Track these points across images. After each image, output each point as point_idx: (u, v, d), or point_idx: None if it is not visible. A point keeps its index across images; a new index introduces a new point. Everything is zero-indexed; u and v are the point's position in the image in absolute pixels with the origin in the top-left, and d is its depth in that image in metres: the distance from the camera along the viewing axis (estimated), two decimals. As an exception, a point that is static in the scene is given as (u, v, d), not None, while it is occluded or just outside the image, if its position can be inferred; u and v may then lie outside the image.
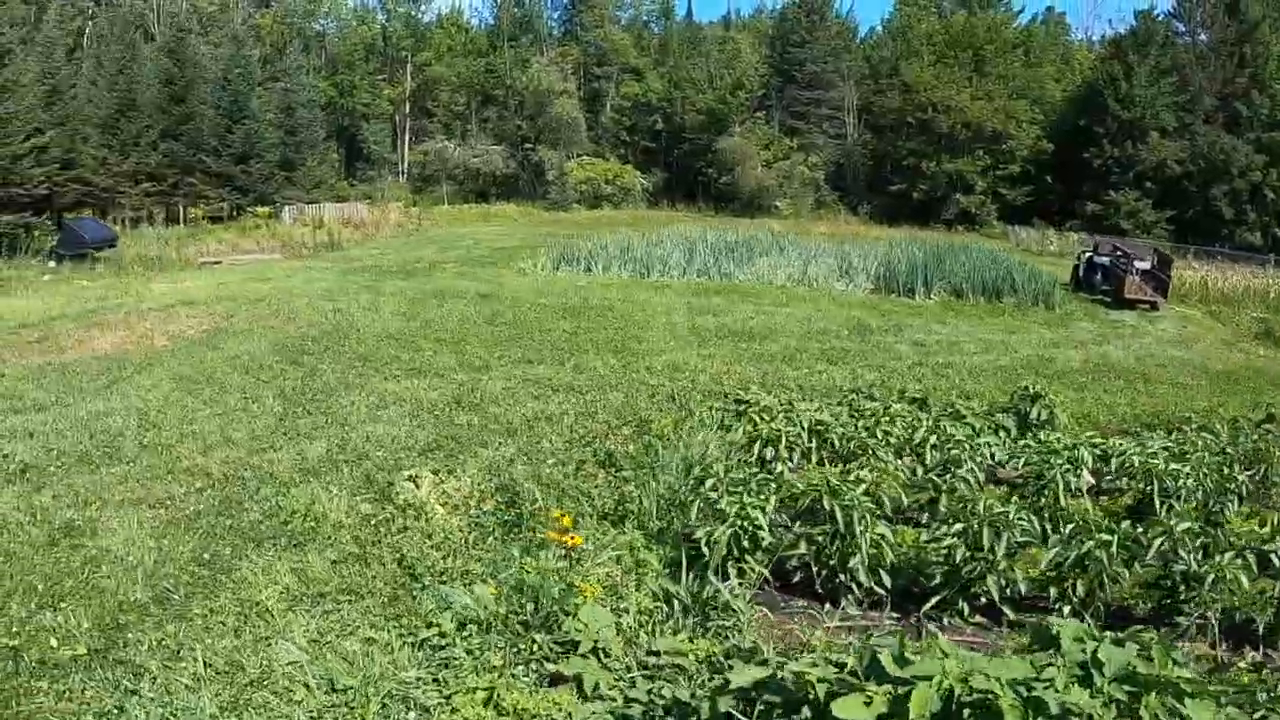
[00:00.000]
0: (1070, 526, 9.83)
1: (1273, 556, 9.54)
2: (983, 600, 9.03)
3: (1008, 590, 9.01)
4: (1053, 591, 9.13)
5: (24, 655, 7.26)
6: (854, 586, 9.06)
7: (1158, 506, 11.52)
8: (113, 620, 7.88)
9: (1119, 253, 35.50)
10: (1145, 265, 34.02)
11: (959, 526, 9.33)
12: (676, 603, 8.09)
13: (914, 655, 4.75)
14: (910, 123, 70.06)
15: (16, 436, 12.94)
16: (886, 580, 9.02)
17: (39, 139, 40.81)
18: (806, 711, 4.88)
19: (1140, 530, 9.84)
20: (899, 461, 11.98)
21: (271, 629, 7.62)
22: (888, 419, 13.22)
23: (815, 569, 9.16)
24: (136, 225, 45.95)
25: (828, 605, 9.05)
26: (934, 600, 9.02)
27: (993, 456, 13.20)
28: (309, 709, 6.45)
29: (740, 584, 8.49)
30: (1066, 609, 8.93)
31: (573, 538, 7.95)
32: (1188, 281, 37.41)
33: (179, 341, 19.75)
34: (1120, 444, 13.61)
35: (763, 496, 9.37)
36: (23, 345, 19.36)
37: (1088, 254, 37.00)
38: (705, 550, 8.86)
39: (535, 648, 7.19)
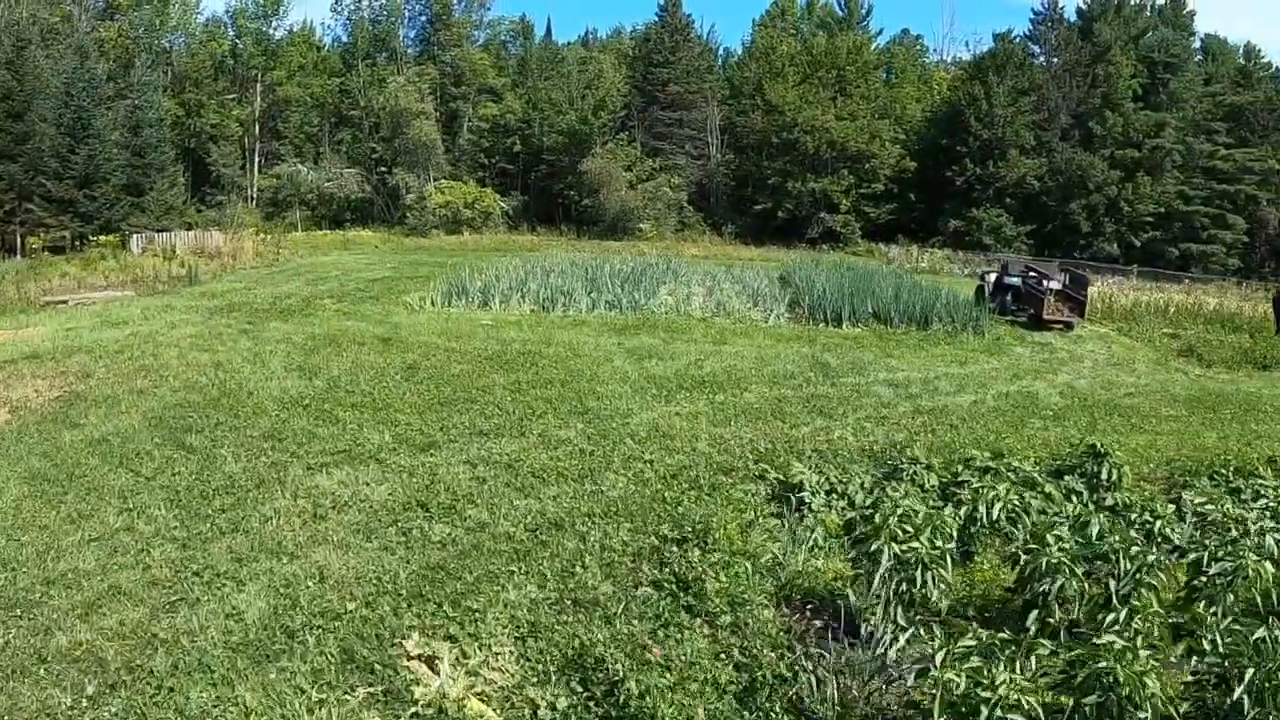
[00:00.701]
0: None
1: None
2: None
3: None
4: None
5: None
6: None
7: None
8: None
9: (1031, 273, 33.24)
10: (1056, 285, 31.92)
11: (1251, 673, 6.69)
12: None
13: None
14: (774, 143, 68.09)
15: None
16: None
17: None
18: None
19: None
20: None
21: None
22: (997, 499, 10.14)
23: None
24: (-33, 258, 40.00)
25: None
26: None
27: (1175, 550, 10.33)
28: None
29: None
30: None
31: None
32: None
33: (25, 415, 15.18)
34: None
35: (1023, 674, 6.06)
36: None
37: (993, 274, 34.62)
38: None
39: None
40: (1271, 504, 12.78)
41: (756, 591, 8.45)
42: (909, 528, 8.06)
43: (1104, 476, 13.04)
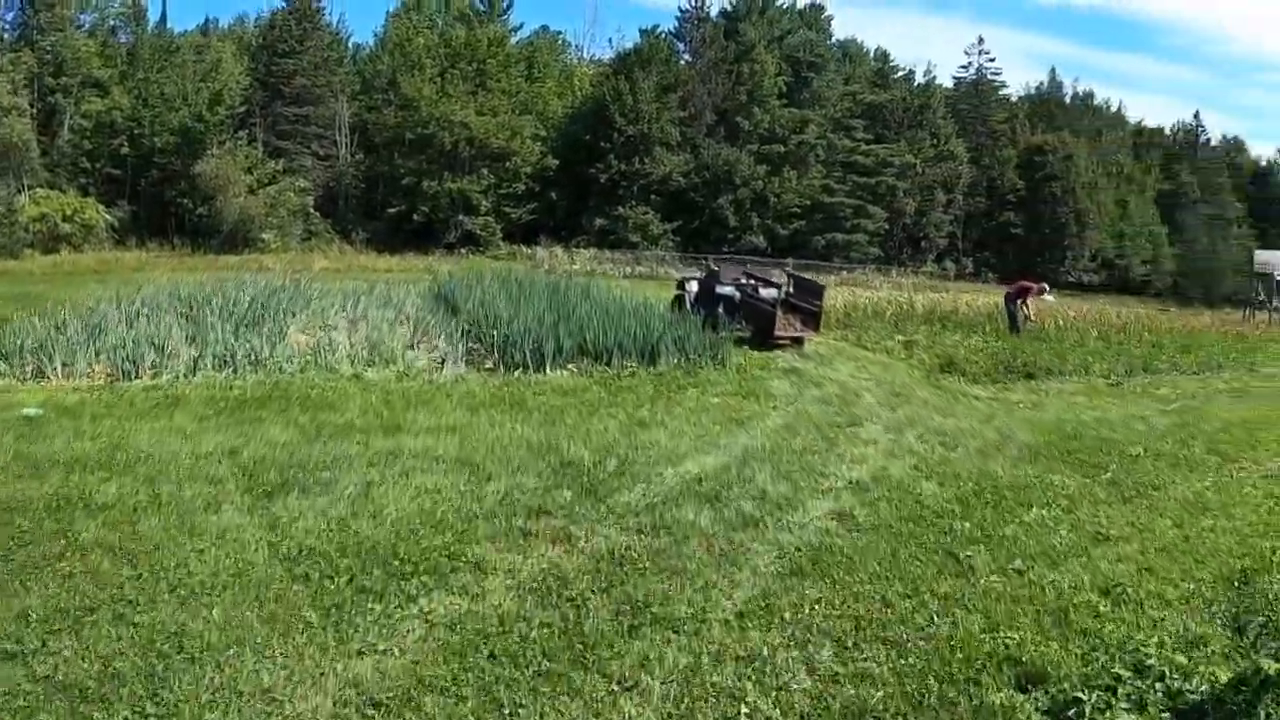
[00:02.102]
0: None
1: None
2: None
3: None
4: None
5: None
6: None
7: None
8: None
9: (747, 280, 25.52)
10: (774, 293, 24.46)
11: None
12: None
13: None
14: (409, 139, 59.24)
15: None
16: None
17: None
18: None
19: None
20: None
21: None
22: None
23: None
24: None
25: None
26: None
27: None
28: None
29: None
30: None
31: None
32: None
33: None
34: None
35: None
36: None
37: (694, 281, 26.61)
38: None
39: None
40: None
41: None
42: None
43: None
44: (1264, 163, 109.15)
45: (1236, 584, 9.45)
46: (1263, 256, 58.22)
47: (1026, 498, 11.91)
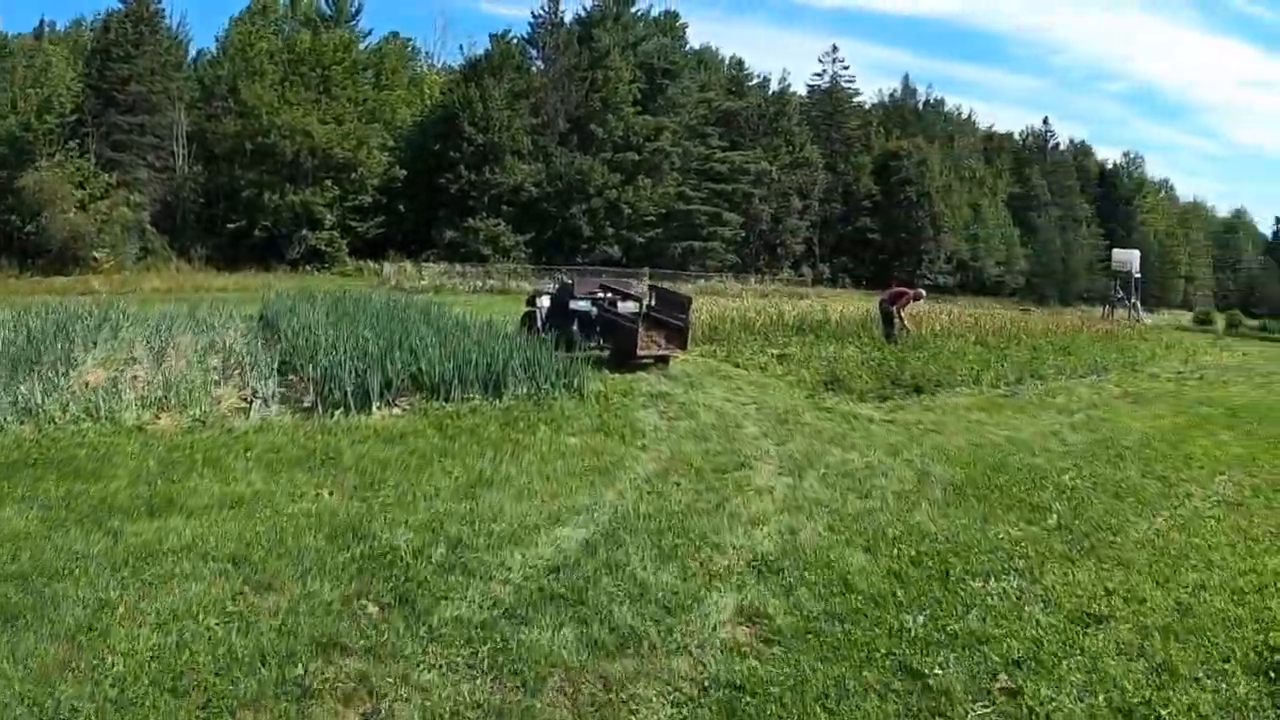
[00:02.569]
0: None
1: None
2: None
3: None
4: None
5: None
6: None
7: None
8: None
9: (603, 293, 22.24)
10: (635, 307, 21.34)
11: None
12: None
13: None
14: (249, 149, 54.51)
15: None
16: None
17: None
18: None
19: None
20: None
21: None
22: None
23: None
24: None
25: None
26: None
27: None
28: None
29: None
30: None
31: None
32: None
33: None
34: None
35: None
36: None
37: (546, 296, 23.23)
38: None
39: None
40: None
41: None
42: None
43: None
44: (1110, 165, 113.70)
45: (1270, 674, 7.12)
46: (1120, 255, 59.11)
47: (976, 563, 9.10)
